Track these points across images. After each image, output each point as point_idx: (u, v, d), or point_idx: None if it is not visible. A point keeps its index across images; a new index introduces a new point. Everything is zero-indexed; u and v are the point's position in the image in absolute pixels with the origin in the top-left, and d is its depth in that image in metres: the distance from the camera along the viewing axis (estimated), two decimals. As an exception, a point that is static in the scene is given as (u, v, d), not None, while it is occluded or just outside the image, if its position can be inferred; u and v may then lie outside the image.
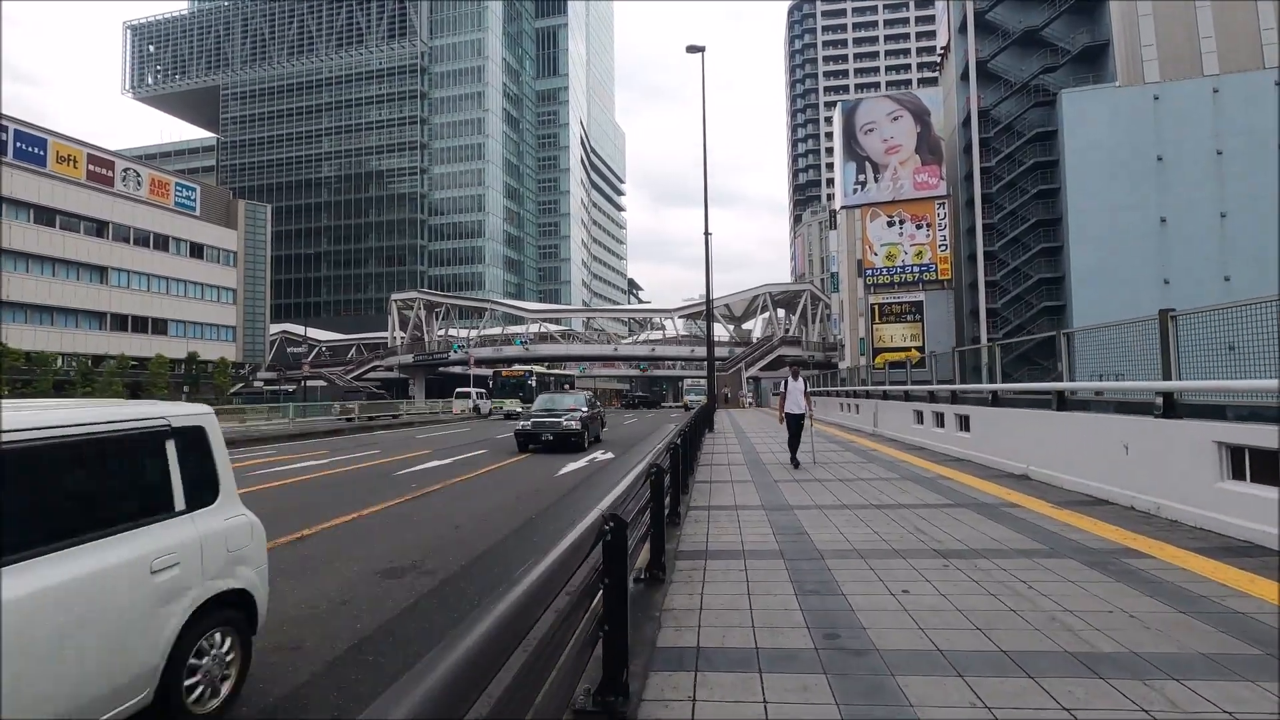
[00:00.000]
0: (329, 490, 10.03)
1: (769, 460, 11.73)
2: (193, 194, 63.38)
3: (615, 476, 10.98)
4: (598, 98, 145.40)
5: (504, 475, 11.60)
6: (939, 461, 10.59)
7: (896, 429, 14.85)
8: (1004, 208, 50.73)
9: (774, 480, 9.20)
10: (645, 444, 18.21)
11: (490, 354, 61.82)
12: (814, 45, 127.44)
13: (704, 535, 5.84)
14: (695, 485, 8.85)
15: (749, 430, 20.56)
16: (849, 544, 5.36)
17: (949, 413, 11.51)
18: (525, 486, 10.15)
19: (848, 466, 10.48)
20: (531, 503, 8.74)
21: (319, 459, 14.75)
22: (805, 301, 68.22)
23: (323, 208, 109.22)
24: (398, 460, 14.10)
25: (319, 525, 7.15)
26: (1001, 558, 4.81)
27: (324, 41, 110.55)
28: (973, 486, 8.05)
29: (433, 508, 8.27)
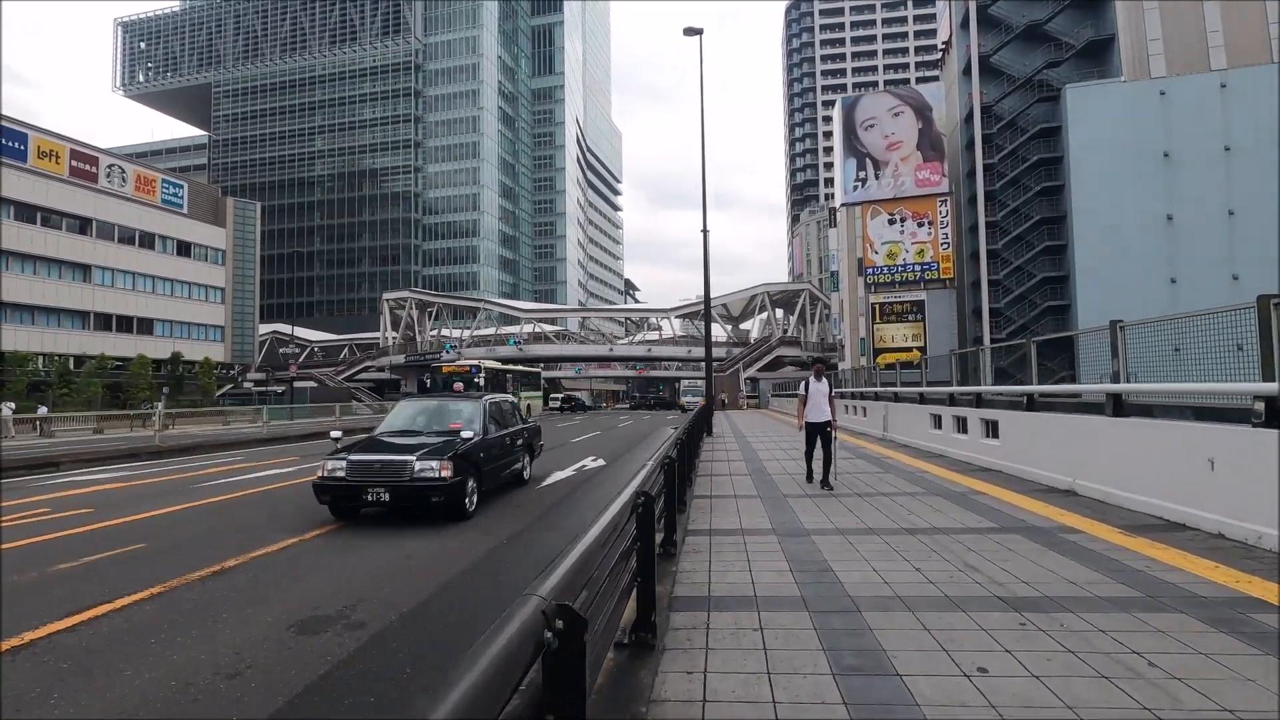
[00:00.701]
0: (275, 507, 8.92)
1: (775, 470, 10.64)
2: (180, 191, 62.13)
3: (603, 493, 9.89)
4: (594, 96, 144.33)
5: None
6: (964, 472, 9.51)
7: (910, 434, 13.78)
8: (1007, 205, 49.77)
9: (783, 495, 8.11)
10: (641, 449, 17.12)
11: (483, 354, 60.61)
12: (812, 44, 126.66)
13: (705, 572, 4.74)
14: (693, 501, 7.75)
15: (749, 434, 19.47)
16: (888, 587, 4.27)
17: (973, 417, 10.43)
18: (508, 500, 9.04)
19: (863, 478, 9.39)
20: (515, 521, 7.63)
21: (286, 466, 13.63)
22: (804, 301, 67.21)
23: (316, 206, 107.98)
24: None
25: (249, 553, 6.05)
26: (1092, 611, 3.72)
27: (317, 38, 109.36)
28: (1015, 504, 6.96)
29: (386, 530, 7.17)
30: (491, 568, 5.62)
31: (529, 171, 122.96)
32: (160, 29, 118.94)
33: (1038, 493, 7.56)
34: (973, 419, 10.44)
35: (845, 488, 8.45)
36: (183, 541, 6.62)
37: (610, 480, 10.92)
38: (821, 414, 8.66)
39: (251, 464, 14.36)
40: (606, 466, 12.88)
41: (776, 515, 6.80)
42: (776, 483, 9.14)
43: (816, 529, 6.08)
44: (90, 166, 54.31)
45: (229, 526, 7.35)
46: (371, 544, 6.41)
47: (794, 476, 9.76)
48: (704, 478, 9.88)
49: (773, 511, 7.02)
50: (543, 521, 7.61)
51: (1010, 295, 49.41)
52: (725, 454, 13.46)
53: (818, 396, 8.73)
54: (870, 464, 10.95)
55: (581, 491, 9.78)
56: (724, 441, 16.75)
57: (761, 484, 9.10)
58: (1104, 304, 43.32)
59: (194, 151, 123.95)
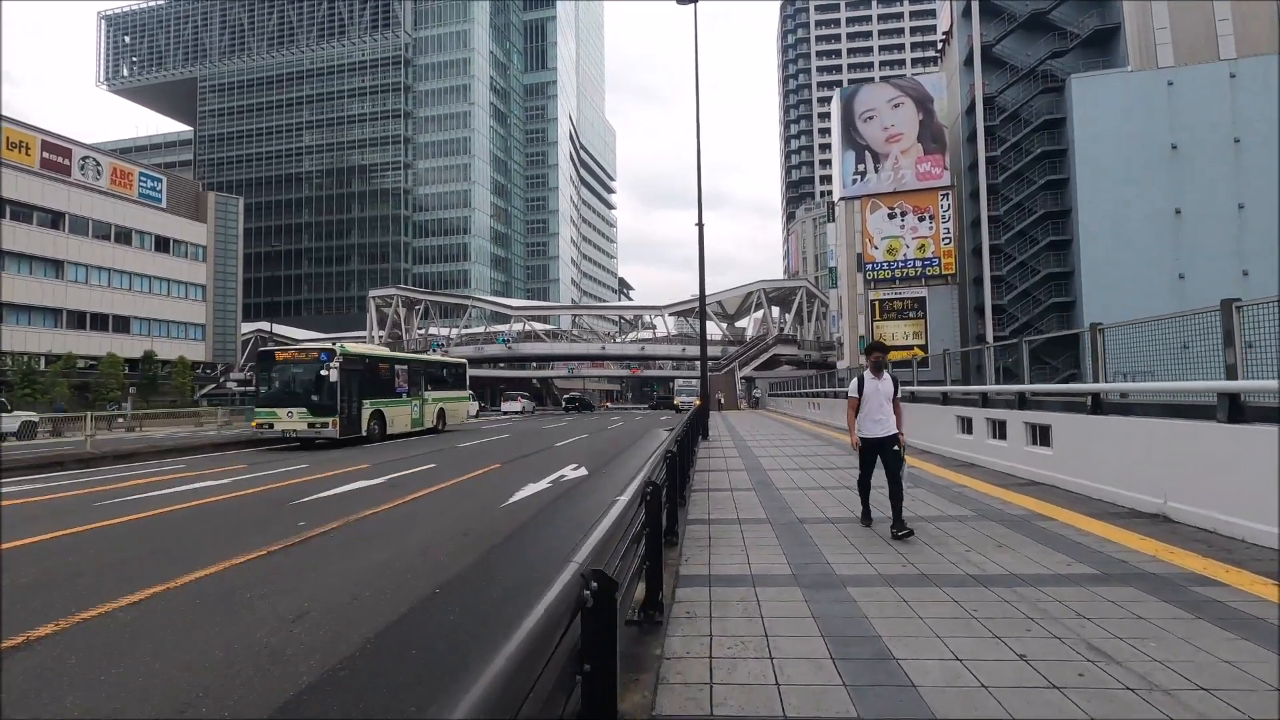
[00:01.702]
0: (191, 528, 7.32)
1: (783, 484, 9.07)
2: (158, 185, 60.19)
3: (582, 507, 8.30)
4: (587, 93, 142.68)
5: (435, 504, 8.89)
6: (1009, 486, 7.97)
7: (931, 439, 12.24)
8: (1010, 199, 48.40)
9: (798, 519, 6.54)
10: (630, 454, 15.54)
11: (471, 353, 58.87)
12: (807, 40, 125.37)
13: (705, 661, 3.17)
14: (688, 528, 6.18)
15: (749, 437, 17.92)
16: (989, 696, 2.71)
17: (1014, 421, 8.89)
18: (453, 525, 7.45)
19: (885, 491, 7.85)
20: (452, 554, 6.05)
21: (226, 476, 12.00)
22: (801, 299, 65.74)
23: (304, 203, 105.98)
24: (320, 479, 11.38)
25: (125, 598, 4.47)
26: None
27: (305, 32, 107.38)
28: (1100, 535, 5.42)
29: (309, 562, 5.62)
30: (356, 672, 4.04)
31: (521, 168, 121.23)
32: (145, 23, 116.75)
33: (1117, 517, 6.02)
34: (1014, 423, 8.90)
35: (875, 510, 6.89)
36: (68, 578, 5.02)
37: (589, 496, 9.34)
38: (884, 425, 6.00)
39: (186, 474, 12.73)
40: (588, 477, 11.29)
41: (796, 552, 5.24)
42: (788, 501, 7.57)
43: (854, 577, 4.51)
44: (63, 159, 52.36)
45: (71, 572, 5.73)
46: (236, 616, 4.80)
47: (807, 493, 8.19)
48: (700, 492, 8.32)
49: (790, 545, 5.45)
50: (475, 575, 6.02)
51: (1014, 292, 48.04)
52: (724, 462, 11.90)
53: (878, 399, 6.02)
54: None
55: (542, 521, 8.18)
56: (721, 447, 15.19)
57: (770, 503, 7.52)
58: (1110, 301, 42.01)
59: (180, 147, 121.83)
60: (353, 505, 8.56)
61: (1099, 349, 7.10)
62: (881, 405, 6.05)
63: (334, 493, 9.70)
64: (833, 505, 7.20)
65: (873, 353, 6.34)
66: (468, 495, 9.44)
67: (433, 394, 24.03)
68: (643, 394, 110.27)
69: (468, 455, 15.57)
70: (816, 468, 10.59)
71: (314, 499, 9.17)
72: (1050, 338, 13.74)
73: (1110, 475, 6.78)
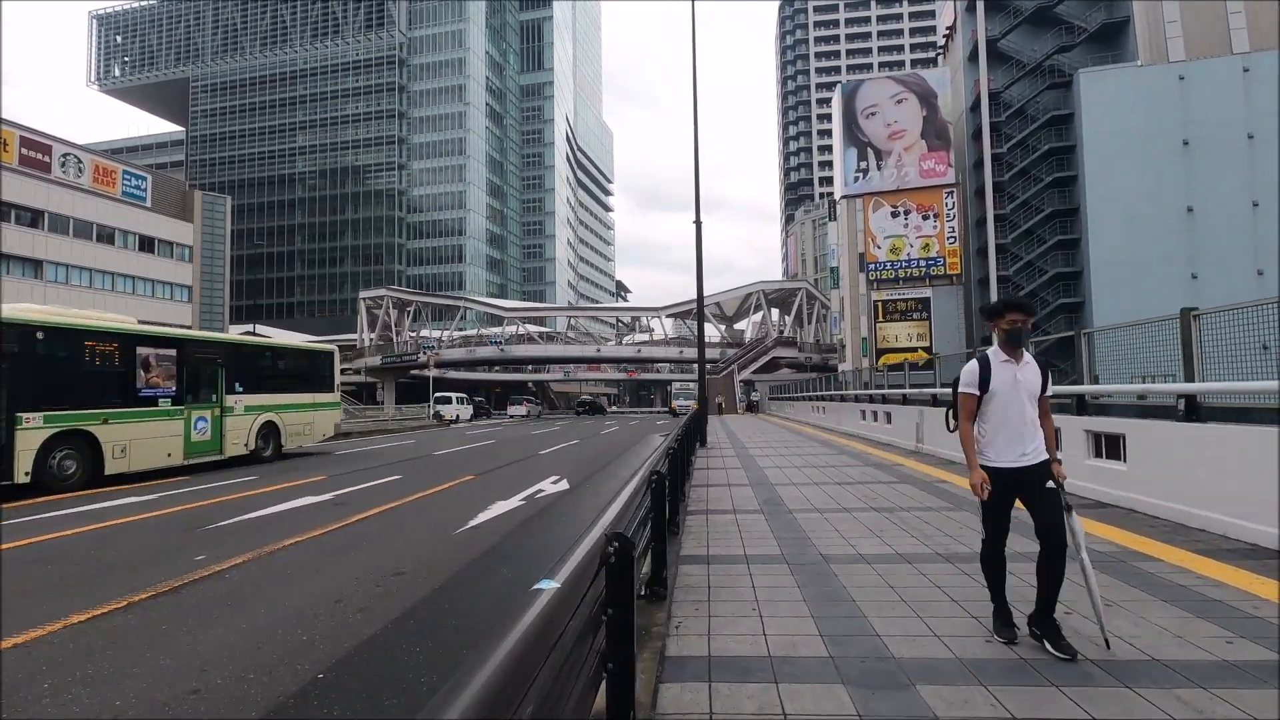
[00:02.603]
0: (59, 565, 5.88)
1: (796, 503, 7.64)
2: (143, 183, 58.69)
3: (552, 535, 6.86)
4: (584, 95, 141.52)
5: (381, 527, 7.44)
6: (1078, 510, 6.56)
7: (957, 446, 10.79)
8: (1016, 197, 47.09)
9: (822, 557, 5.11)
10: (621, 463, 14.10)
11: (462, 355, 57.44)
12: (806, 41, 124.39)
13: None
14: (680, 571, 4.75)
15: (750, 444, 16.49)
16: None
17: (1071, 428, 7.48)
18: (390, 558, 6.01)
19: (927, 514, 6.42)
20: (368, 608, 4.61)
21: (156, 493, 10.54)
22: (801, 300, 64.36)
23: (297, 204, 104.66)
24: (262, 494, 9.94)
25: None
26: None
27: (298, 32, 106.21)
28: (1245, 589, 3.99)
29: (166, 623, 4.23)
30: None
31: (517, 169, 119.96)
32: (136, 22, 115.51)
33: (1239, 556, 4.61)
34: (1071, 431, 7.48)
35: (914, 534, 5.45)
36: None
37: (564, 520, 7.91)
38: (1029, 444, 3.42)
39: (115, 487, 11.27)
40: (568, 493, 9.84)
41: (825, 614, 3.80)
42: (805, 529, 6.13)
43: (915, 663, 3.08)
44: (43, 156, 50.86)
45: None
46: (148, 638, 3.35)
47: (826, 517, 6.75)
48: (697, 514, 6.89)
49: (819, 602, 4.02)
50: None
51: (1021, 293, 46.64)
52: (724, 474, 10.46)
53: (1017, 399, 3.42)
54: (921, 490, 7.98)
55: (498, 556, 6.73)
56: (721, 455, 13.75)
57: (783, 531, 6.09)
58: (1120, 301, 40.65)
59: (171, 148, 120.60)
60: (280, 530, 7.12)
61: (1192, 340, 5.69)
62: (1024, 411, 3.38)
63: (267, 513, 8.25)
64: (862, 535, 5.76)
65: (1007, 314, 3.40)
66: (423, 516, 7.99)
67: (253, 398, 15.36)
68: (640, 397, 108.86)
69: (441, 465, 14.12)
70: (831, 481, 9.16)
71: (239, 521, 7.73)
72: (1062, 337, 12.33)
73: (1213, 499, 5.37)
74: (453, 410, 42.93)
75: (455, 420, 42.05)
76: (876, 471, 10.10)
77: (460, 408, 44.32)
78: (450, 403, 43.59)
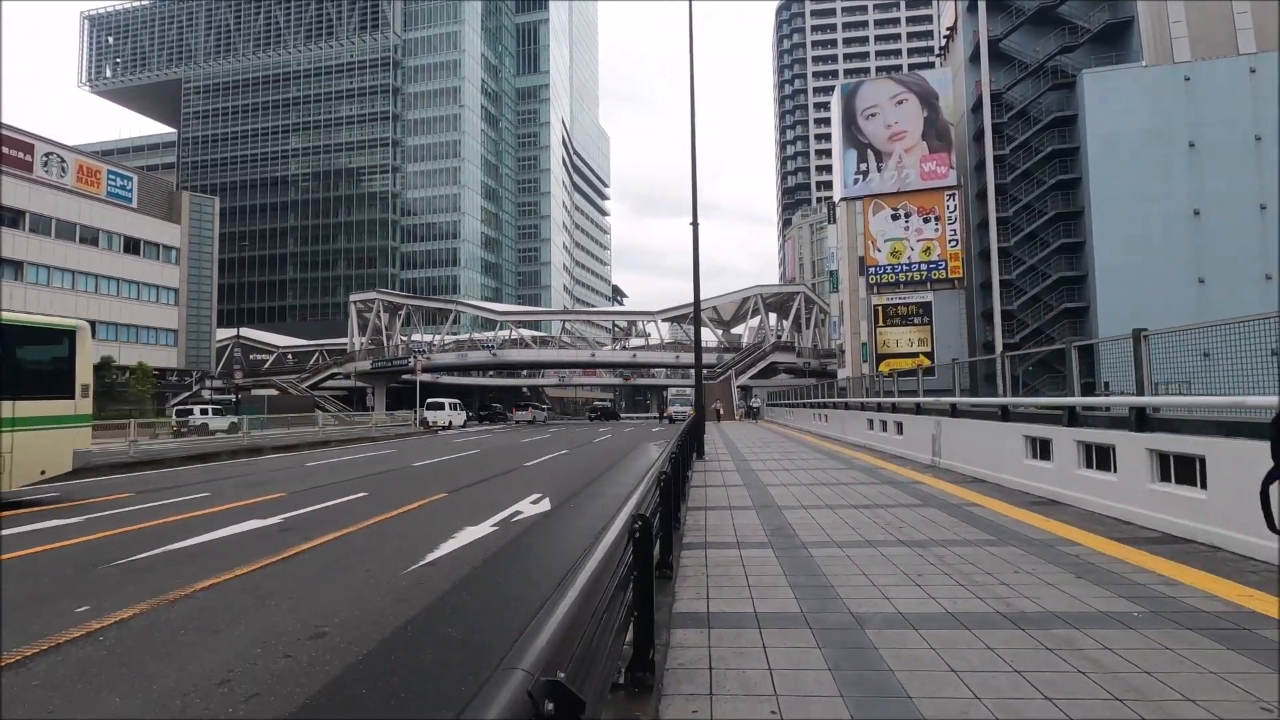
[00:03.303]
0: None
1: (811, 533, 6.57)
2: (128, 184, 57.52)
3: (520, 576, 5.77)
4: (580, 98, 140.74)
5: (320, 562, 6.35)
6: (1138, 542, 5.52)
7: (982, 463, 9.79)
8: (1019, 200, 46.24)
9: (853, 616, 4.03)
10: (611, 479, 13.02)
11: (454, 360, 56.25)
12: (803, 45, 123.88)
13: None
14: (674, 635, 3.66)
15: (751, 456, 15.42)
16: None
17: (1129, 447, 6.43)
18: (316, 610, 4.92)
19: (967, 551, 5.36)
20: (259, 697, 3.52)
21: (93, 511, 9.42)
22: (799, 304, 63.44)
23: (290, 207, 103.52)
24: (207, 516, 8.84)
25: None
26: None
27: (292, 33, 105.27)
28: None
29: (26, 699, 3.12)
30: None
31: (513, 173, 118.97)
32: (129, 23, 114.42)
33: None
34: (1129, 449, 6.43)
35: (961, 580, 4.39)
36: None
37: (539, 553, 6.83)
38: None
39: (57, 504, 10.14)
40: (549, 515, 8.75)
41: (863, 696, 2.73)
42: (827, 573, 5.06)
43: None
44: (24, 154, 49.70)
45: None
46: None
47: (848, 554, 5.68)
48: (694, 549, 5.81)
49: (856, 693, 2.93)
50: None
51: (1023, 297, 45.79)
52: (724, 492, 9.38)
53: None
54: (950, 516, 6.93)
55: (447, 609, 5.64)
56: (720, 469, 12.68)
57: (801, 577, 5.01)
58: (1125, 306, 39.78)
59: (163, 149, 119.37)
60: (203, 565, 6.03)
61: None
62: None
63: (197, 542, 7.14)
64: (896, 580, 4.69)
65: None
66: (376, 547, 6.90)
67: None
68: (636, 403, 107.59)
69: (415, 480, 13.02)
70: (845, 503, 8.09)
71: (160, 553, 6.63)
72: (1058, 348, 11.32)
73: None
74: (444, 416, 41.46)
75: (448, 426, 40.75)
76: (894, 491, 9.04)
77: (453, 414, 42.98)
78: (442, 409, 42.10)
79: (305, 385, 64.05)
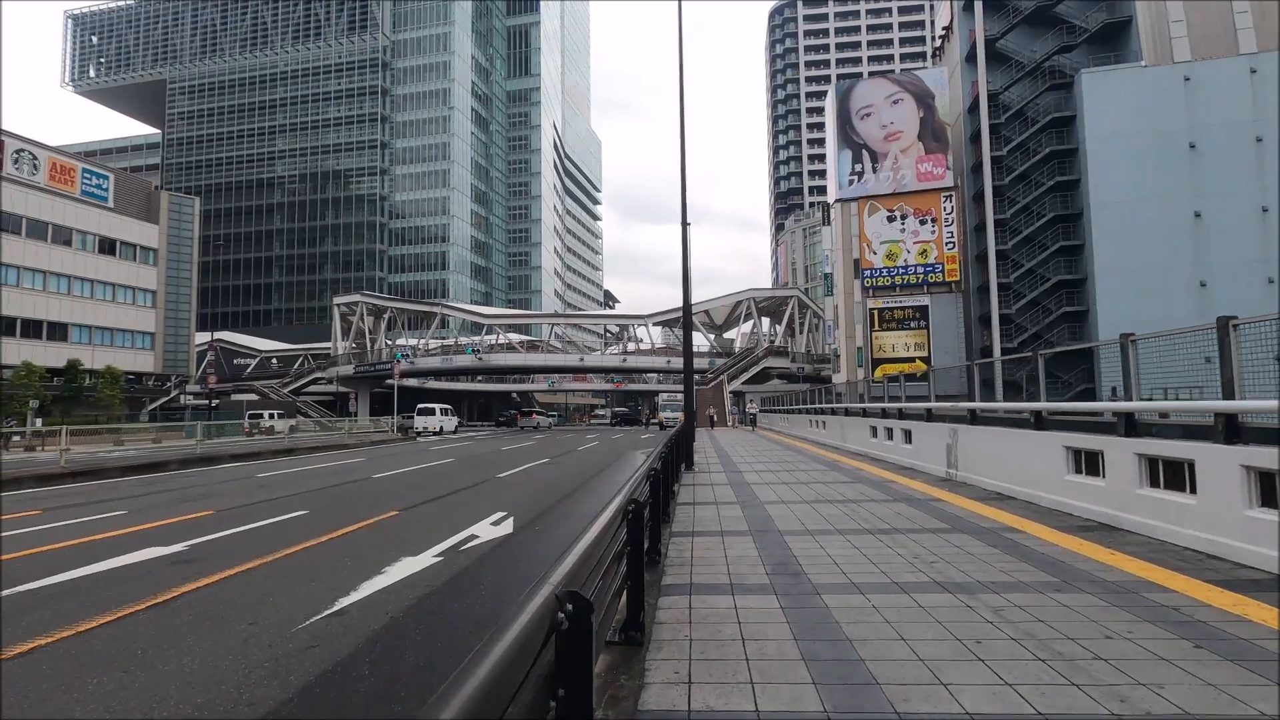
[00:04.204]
0: None
1: (822, 572, 5.30)
2: (104, 183, 55.87)
3: (444, 640, 4.45)
4: (572, 102, 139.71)
5: (211, 605, 5.05)
6: (1235, 584, 4.27)
7: (1007, 476, 8.55)
8: (1017, 202, 45.33)
9: (896, 711, 2.73)
10: (585, 494, 11.72)
11: (438, 364, 54.77)
12: (795, 49, 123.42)
13: None
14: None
15: (746, 467, 14.14)
16: None
17: (1215, 461, 5.20)
18: (170, 684, 3.63)
19: (1030, 601, 4.10)
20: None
21: None
22: (792, 309, 62.34)
23: (275, 209, 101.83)
24: (111, 538, 7.50)
25: None
26: None
27: (279, 34, 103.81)
28: None
29: None
30: None
31: (503, 176, 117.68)
32: (113, 23, 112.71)
33: None
34: (1214, 465, 5.19)
35: (1041, 653, 3.12)
36: None
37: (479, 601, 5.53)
38: None
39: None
40: (508, 541, 7.44)
41: None
42: (844, 629, 3.77)
43: None
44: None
45: None
46: None
47: (873, 602, 4.39)
48: (676, 594, 4.53)
49: None
50: None
51: (1022, 300, 44.81)
52: (715, 511, 8.09)
53: None
54: (989, 546, 5.67)
55: (330, 686, 4.31)
56: (711, 481, 11.39)
57: (814, 637, 3.71)
58: (1125, 310, 38.86)
59: (147, 150, 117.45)
60: (49, 612, 4.69)
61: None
62: None
63: (68, 578, 5.79)
64: (951, 654, 3.41)
65: None
66: (281, 586, 5.56)
67: None
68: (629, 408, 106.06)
69: (370, 494, 11.67)
70: (860, 528, 6.83)
71: (17, 593, 5.27)
72: (1062, 350, 10.14)
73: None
74: (435, 422, 40.75)
75: (439, 432, 40.04)
76: (911, 511, 7.78)
77: (444, 419, 42.27)
78: (433, 414, 41.33)
79: (287, 390, 62.39)
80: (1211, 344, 5.48)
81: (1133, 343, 6.43)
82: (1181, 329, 5.87)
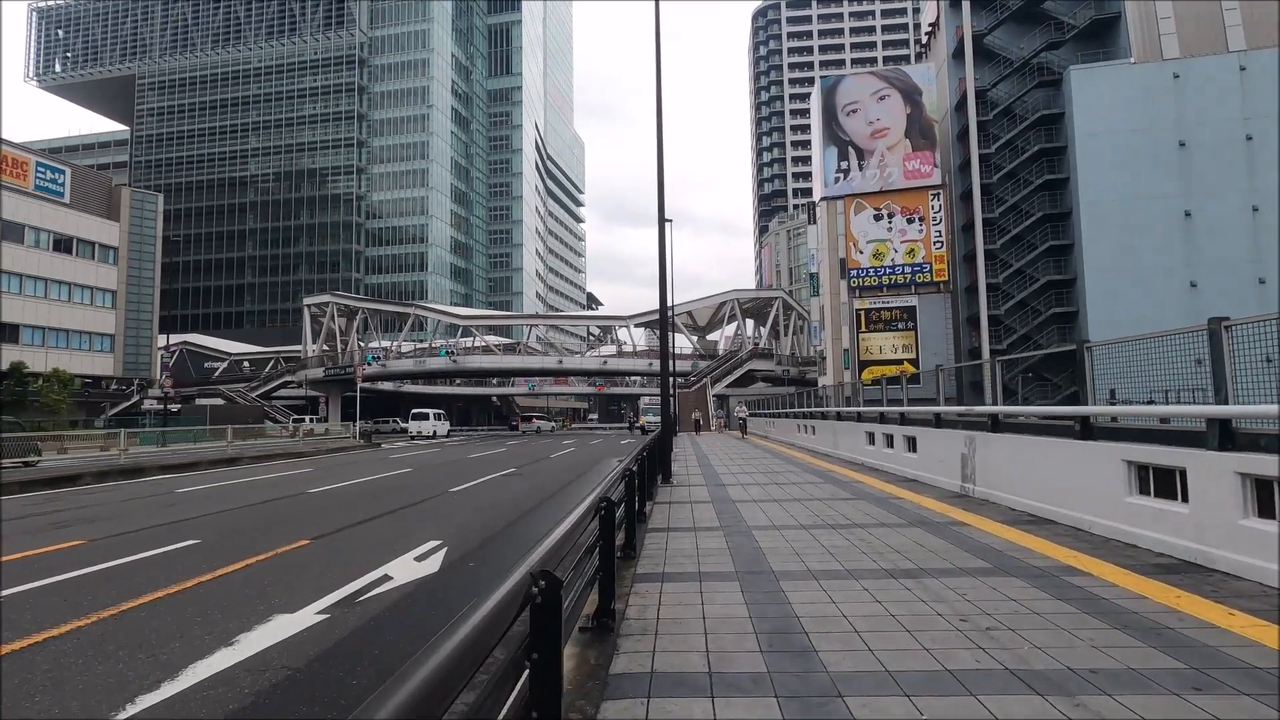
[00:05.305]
0: None
1: (835, 650, 3.78)
2: (60, 177, 53.40)
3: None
4: (554, 103, 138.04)
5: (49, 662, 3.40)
6: None
7: (1042, 495, 7.12)
8: (1005, 201, 44.46)
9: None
10: (545, 512, 10.17)
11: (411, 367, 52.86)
12: (779, 51, 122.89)
13: None
14: None
15: (730, 478, 12.65)
16: None
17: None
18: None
19: (1148, 693, 2.62)
20: None
21: None
22: (777, 311, 61.15)
23: (249, 208, 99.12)
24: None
25: None
26: None
27: (253, 29, 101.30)
28: None
29: None
30: None
31: (484, 176, 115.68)
32: (80, 16, 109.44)
33: None
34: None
35: None
36: None
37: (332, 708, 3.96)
38: None
39: None
40: (427, 585, 5.86)
41: None
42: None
43: None
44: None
45: None
46: None
47: (915, 700, 2.88)
48: (629, 700, 3.00)
49: None
50: None
51: (1010, 301, 43.90)
52: (694, 545, 6.58)
53: None
54: (1041, 590, 4.22)
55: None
56: (690, 499, 9.86)
57: None
58: (1115, 311, 38.03)
59: (115, 148, 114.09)
60: None
61: None
62: None
63: None
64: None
65: None
66: (94, 660, 3.96)
67: None
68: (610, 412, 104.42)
69: (291, 515, 10.00)
70: (876, 567, 5.34)
71: None
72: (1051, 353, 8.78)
73: None
74: (429, 426, 40.90)
75: (431, 436, 39.94)
76: (934, 540, 6.32)
77: (437, 424, 42.43)
78: (426, 419, 41.10)
79: (255, 394, 60.08)
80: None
81: (1226, 328, 4.99)
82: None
